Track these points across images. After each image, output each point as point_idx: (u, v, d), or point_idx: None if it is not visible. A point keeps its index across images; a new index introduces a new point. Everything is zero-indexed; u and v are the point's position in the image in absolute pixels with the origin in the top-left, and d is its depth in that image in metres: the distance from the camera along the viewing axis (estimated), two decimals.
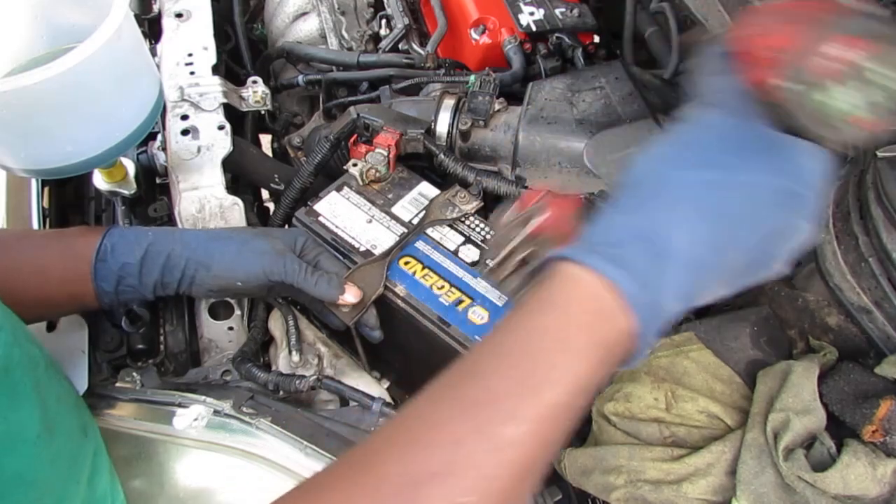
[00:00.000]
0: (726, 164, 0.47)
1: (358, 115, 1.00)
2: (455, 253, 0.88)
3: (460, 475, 0.40)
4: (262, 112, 1.16)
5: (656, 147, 0.50)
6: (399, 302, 0.84)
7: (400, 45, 1.25)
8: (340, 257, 0.88)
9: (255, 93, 1.12)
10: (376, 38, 1.29)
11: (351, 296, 0.82)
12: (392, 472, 0.41)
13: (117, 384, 0.81)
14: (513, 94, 1.09)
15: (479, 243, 0.90)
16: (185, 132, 0.99)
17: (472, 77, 1.04)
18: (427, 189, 0.96)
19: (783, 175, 0.47)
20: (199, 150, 0.98)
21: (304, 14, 1.34)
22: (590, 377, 0.45)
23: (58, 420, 0.60)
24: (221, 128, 1.01)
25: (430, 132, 0.99)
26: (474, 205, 0.93)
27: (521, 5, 1.19)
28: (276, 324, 0.91)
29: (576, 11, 1.19)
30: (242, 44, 1.35)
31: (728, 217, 0.47)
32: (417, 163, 1.00)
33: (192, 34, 1.12)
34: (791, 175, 0.47)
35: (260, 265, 0.80)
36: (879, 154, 0.73)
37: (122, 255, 0.77)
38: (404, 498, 0.39)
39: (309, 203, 0.93)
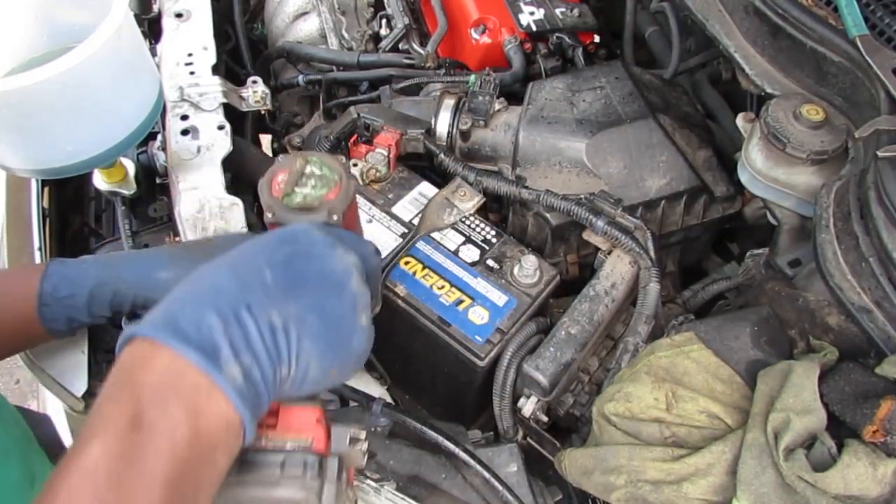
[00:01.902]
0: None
1: (358, 114, 1.00)
2: (455, 253, 0.88)
3: None
4: (262, 112, 1.15)
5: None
6: (399, 302, 0.84)
7: (400, 45, 1.24)
8: None
9: (255, 93, 1.11)
10: (376, 38, 1.29)
11: None
12: None
13: None
14: (513, 94, 1.09)
15: (480, 243, 0.90)
16: (185, 132, 0.99)
17: (473, 77, 1.04)
18: (427, 189, 0.95)
19: (281, 246, 0.54)
20: (199, 150, 0.98)
21: (304, 14, 1.34)
22: None
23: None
24: (221, 128, 1.00)
25: (430, 132, 0.99)
26: (475, 202, 0.93)
27: (522, 5, 1.19)
28: None
29: (576, 11, 1.19)
30: (242, 44, 1.35)
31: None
32: (417, 163, 1.00)
33: (192, 34, 1.11)
34: (284, 244, 0.54)
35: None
36: (880, 154, 0.73)
37: (66, 297, 0.73)
38: None
39: None
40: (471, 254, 0.88)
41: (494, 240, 0.90)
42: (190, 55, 1.08)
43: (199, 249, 0.80)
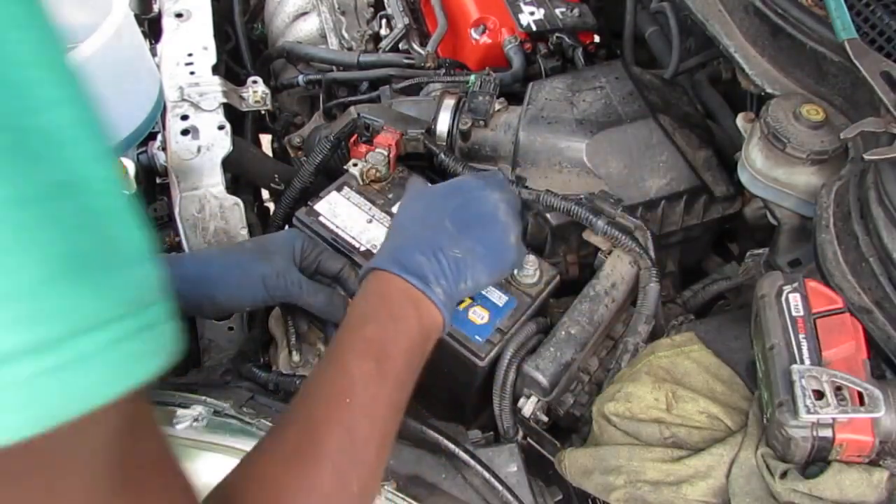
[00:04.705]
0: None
1: (358, 114, 1.00)
2: None
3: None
4: (262, 112, 1.16)
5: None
6: None
7: (400, 45, 1.24)
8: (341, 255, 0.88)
9: (255, 93, 1.12)
10: (376, 38, 1.29)
11: None
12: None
13: None
14: (513, 94, 1.09)
15: None
16: (185, 132, 0.99)
17: (473, 77, 1.04)
18: None
19: (452, 199, 0.78)
20: (199, 150, 0.98)
21: (304, 14, 1.34)
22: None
23: None
24: (221, 128, 1.00)
25: (430, 132, 0.99)
26: None
27: (522, 5, 1.19)
28: (276, 324, 0.91)
29: (576, 11, 1.19)
30: (242, 44, 1.35)
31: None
32: (417, 163, 1.00)
33: (192, 34, 1.12)
34: (453, 196, 0.79)
35: (263, 290, 0.80)
36: (866, 157, 0.73)
37: None
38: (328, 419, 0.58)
39: (309, 203, 0.93)
40: None
41: None
42: (190, 55, 1.08)
43: (249, 247, 0.86)
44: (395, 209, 0.93)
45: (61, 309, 0.26)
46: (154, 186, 1.03)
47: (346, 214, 0.92)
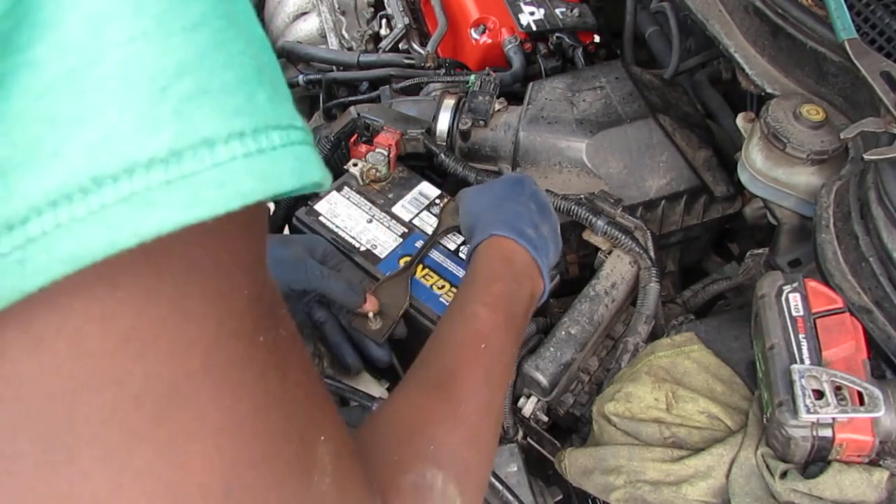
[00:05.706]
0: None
1: (358, 114, 1.00)
2: (455, 253, 0.88)
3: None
4: None
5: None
6: None
7: (400, 45, 1.24)
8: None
9: None
10: (376, 38, 1.29)
11: (369, 304, 0.82)
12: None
13: None
14: (513, 94, 1.09)
15: None
16: None
17: (473, 77, 1.04)
18: (427, 189, 0.96)
19: (524, 188, 0.82)
20: None
21: (304, 14, 1.34)
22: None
23: None
24: None
25: (430, 132, 0.99)
26: None
27: (522, 5, 1.19)
28: None
29: (576, 11, 1.19)
30: None
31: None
32: (417, 163, 1.00)
33: None
34: (524, 186, 0.83)
35: (280, 275, 0.78)
36: (866, 157, 0.73)
37: None
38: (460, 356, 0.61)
39: (309, 203, 0.93)
40: None
41: None
42: None
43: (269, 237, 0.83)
44: (395, 209, 0.93)
45: (256, 105, 0.28)
46: None
47: (346, 214, 0.92)
